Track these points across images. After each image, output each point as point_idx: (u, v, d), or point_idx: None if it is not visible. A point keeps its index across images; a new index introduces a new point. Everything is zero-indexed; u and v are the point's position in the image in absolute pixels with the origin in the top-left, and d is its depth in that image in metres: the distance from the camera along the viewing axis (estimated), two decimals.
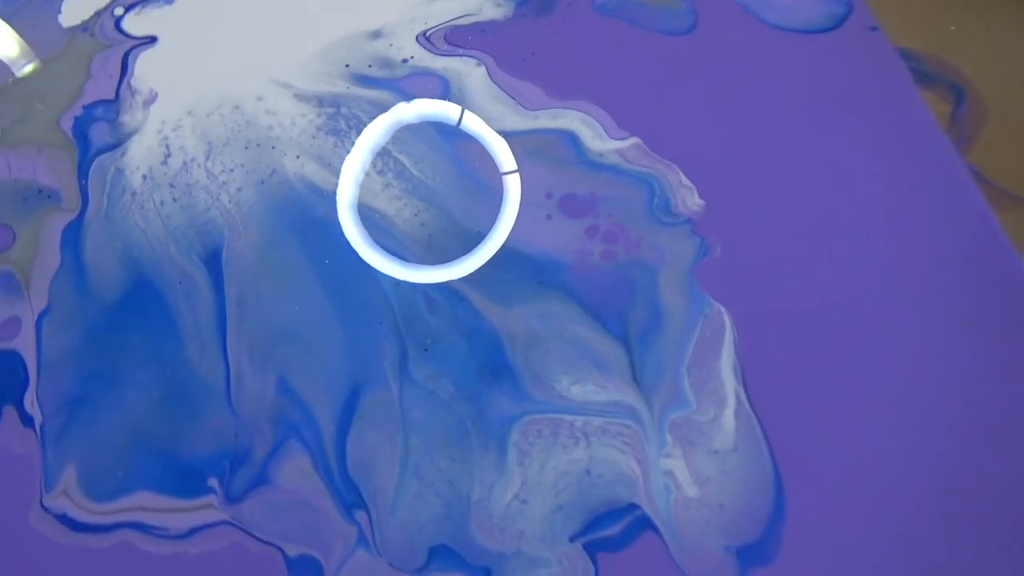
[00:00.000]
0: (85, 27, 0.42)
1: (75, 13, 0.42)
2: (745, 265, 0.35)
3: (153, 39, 0.41)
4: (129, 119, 0.39)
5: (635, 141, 0.37)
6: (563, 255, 0.35)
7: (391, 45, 0.40)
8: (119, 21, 0.41)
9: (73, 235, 0.37)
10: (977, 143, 0.41)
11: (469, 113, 0.37)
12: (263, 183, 0.37)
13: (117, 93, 0.40)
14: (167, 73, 0.40)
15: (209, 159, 0.38)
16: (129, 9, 0.42)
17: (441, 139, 0.38)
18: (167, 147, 0.39)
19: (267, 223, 0.37)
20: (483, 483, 0.32)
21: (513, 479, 0.32)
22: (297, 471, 0.33)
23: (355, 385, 0.34)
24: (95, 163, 0.38)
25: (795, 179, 0.36)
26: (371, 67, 0.39)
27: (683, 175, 0.36)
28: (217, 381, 0.34)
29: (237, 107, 0.39)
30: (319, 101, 0.39)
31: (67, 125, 0.39)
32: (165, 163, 0.38)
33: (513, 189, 0.36)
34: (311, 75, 0.39)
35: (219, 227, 0.37)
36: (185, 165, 0.38)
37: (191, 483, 0.33)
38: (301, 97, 0.39)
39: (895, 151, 0.37)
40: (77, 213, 0.37)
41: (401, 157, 0.38)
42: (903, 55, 0.39)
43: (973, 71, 0.42)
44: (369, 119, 0.38)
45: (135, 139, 0.39)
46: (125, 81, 0.40)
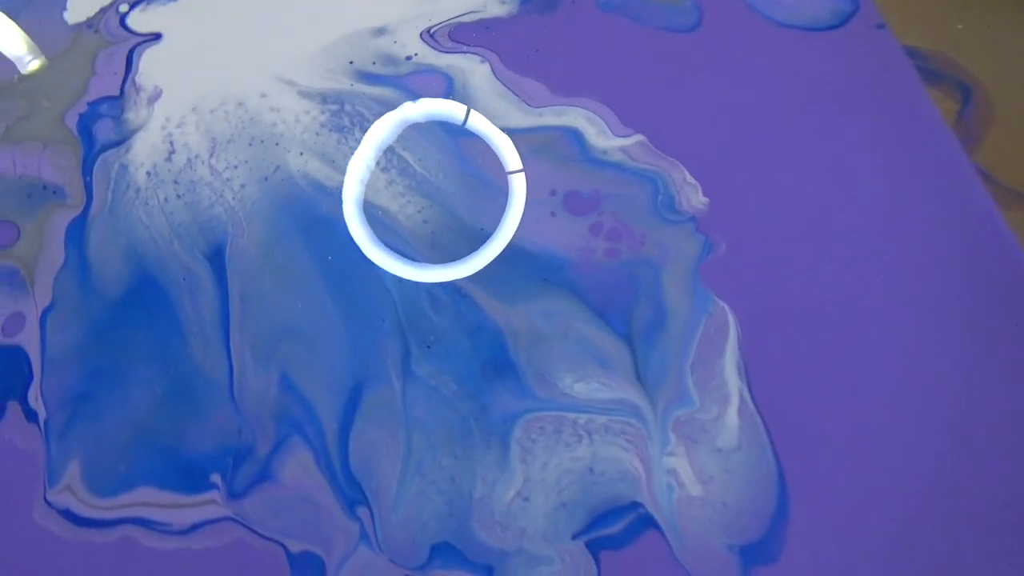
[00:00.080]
0: (90, 24, 0.42)
1: (80, 10, 0.42)
2: (749, 263, 0.35)
3: (158, 36, 0.41)
4: (133, 116, 0.39)
5: (639, 138, 0.37)
6: (567, 252, 0.35)
7: (395, 42, 0.40)
8: (124, 18, 0.41)
9: (77, 231, 0.37)
10: (984, 142, 0.41)
11: (475, 112, 0.37)
12: (267, 180, 0.37)
13: (122, 90, 0.40)
14: (171, 70, 0.40)
15: (213, 156, 0.38)
16: (134, 6, 0.42)
17: (445, 136, 0.38)
18: (171, 144, 0.39)
19: (271, 220, 0.37)
20: (485, 480, 0.32)
21: (516, 477, 0.32)
22: (299, 468, 0.33)
23: (358, 382, 0.34)
24: (99, 159, 0.38)
25: (800, 177, 0.36)
26: (375, 64, 0.39)
27: (687, 173, 0.36)
28: (220, 377, 0.34)
29: (241, 104, 0.39)
30: (323, 98, 0.39)
31: (72, 122, 0.39)
32: (169, 160, 0.38)
33: (519, 188, 0.36)
34: (315, 72, 0.39)
35: (223, 224, 0.37)
36: (189, 162, 0.38)
37: (194, 479, 0.33)
38: (305, 94, 0.39)
39: (901, 149, 0.36)
40: (81, 209, 0.37)
41: (405, 154, 0.38)
42: (910, 53, 0.39)
43: (980, 70, 0.42)
44: (373, 116, 0.38)
45: (139, 136, 0.39)
46: (130, 78, 0.40)
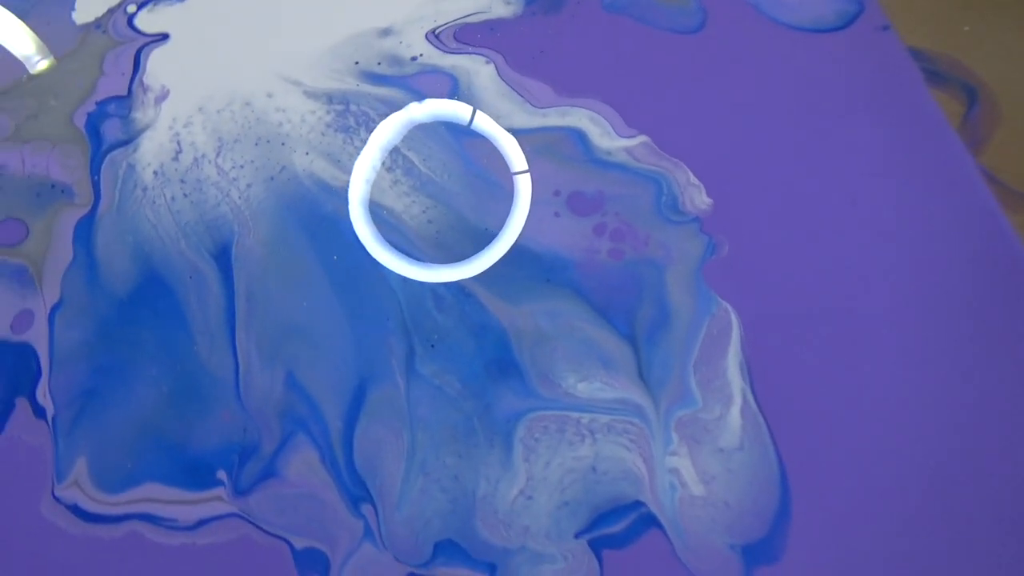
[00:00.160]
0: (98, 24, 0.42)
1: (89, 10, 0.42)
2: (752, 264, 0.35)
3: (165, 36, 0.41)
4: (141, 115, 0.39)
5: (643, 139, 0.37)
6: (571, 253, 0.35)
7: (400, 43, 0.40)
8: (132, 18, 0.42)
9: (85, 230, 0.37)
10: (990, 144, 0.40)
11: (481, 113, 0.37)
12: (273, 179, 0.38)
13: (129, 89, 0.40)
14: (179, 70, 0.40)
15: (220, 155, 0.38)
16: (142, 7, 0.42)
17: (450, 137, 0.38)
18: (178, 143, 0.39)
19: (276, 219, 0.37)
20: (489, 479, 0.32)
21: (519, 475, 0.32)
22: (304, 465, 0.33)
23: (362, 381, 0.34)
24: (107, 159, 0.39)
25: (803, 178, 0.36)
26: (380, 64, 0.40)
27: (691, 173, 0.36)
28: (226, 375, 0.34)
29: (247, 104, 0.39)
30: (329, 98, 0.39)
31: (80, 121, 0.39)
32: (176, 159, 0.38)
33: (524, 189, 0.36)
34: (321, 72, 0.40)
35: (229, 223, 0.37)
36: (196, 161, 0.38)
37: (200, 476, 0.33)
38: (311, 94, 0.39)
39: (905, 150, 0.36)
40: (89, 208, 0.38)
41: (410, 154, 0.38)
42: (915, 55, 0.39)
43: (986, 72, 0.42)
44: (378, 116, 0.38)
45: (147, 135, 0.39)
46: (137, 78, 0.40)
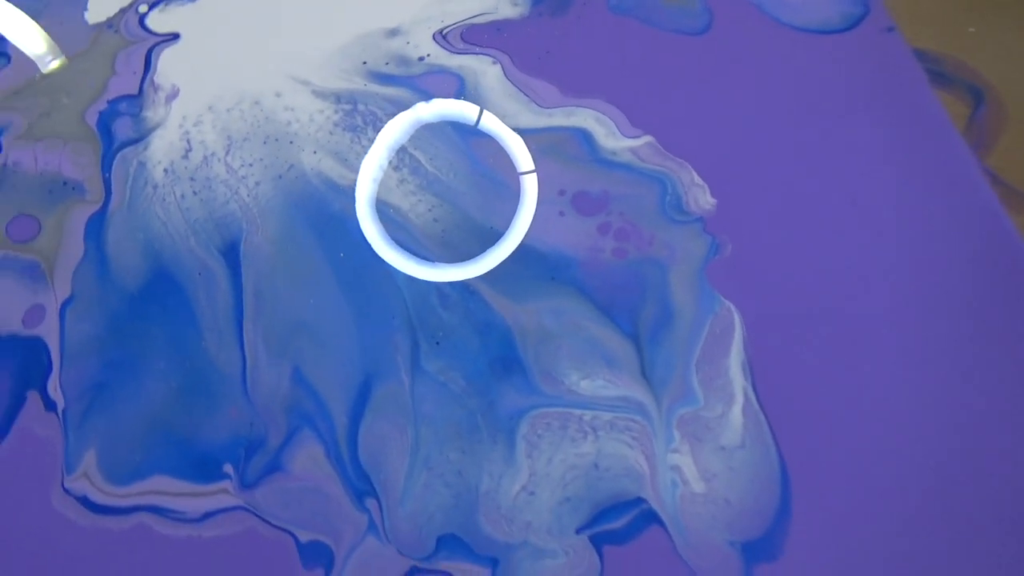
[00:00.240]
0: (110, 24, 0.42)
1: (100, 10, 0.43)
2: (755, 264, 0.35)
3: (176, 36, 0.42)
4: (152, 114, 0.40)
5: (648, 139, 0.37)
6: (575, 252, 0.36)
7: (408, 43, 0.40)
8: (143, 18, 0.42)
9: (96, 226, 0.38)
10: (996, 146, 0.40)
11: (488, 113, 0.38)
12: (281, 178, 0.38)
13: (140, 89, 0.40)
14: (189, 69, 0.41)
15: (229, 154, 0.39)
16: (153, 6, 0.42)
17: (456, 136, 0.38)
18: (188, 142, 0.39)
19: (284, 217, 0.37)
20: (492, 475, 0.33)
21: (521, 471, 0.33)
22: (310, 460, 0.33)
23: (368, 377, 0.34)
24: (118, 156, 0.39)
25: (807, 179, 0.36)
26: (388, 65, 0.40)
27: (695, 174, 0.37)
28: (234, 371, 0.35)
29: (257, 103, 0.40)
30: (337, 98, 0.39)
31: (92, 119, 0.40)
32: (186, 157, 0.39)
33: (530, 189, 0.37)
34: (329, 72, 0.40)
35: (238, 220, 0.37)
36: (205, 159, 0.39)
37: (207, 469, 0.33)
38: (319, 94, 0.40)
39: (909, 152, 0.36)
40: (100, 205, 0.38)
41: (416, 153, 0.38)
42: (921, 56, 0.39)
43: (992, 73, 0.42)
44: (386, 115, 0.39)
45: (157, 133, 0.39)
46: (148, 77, 0.41)
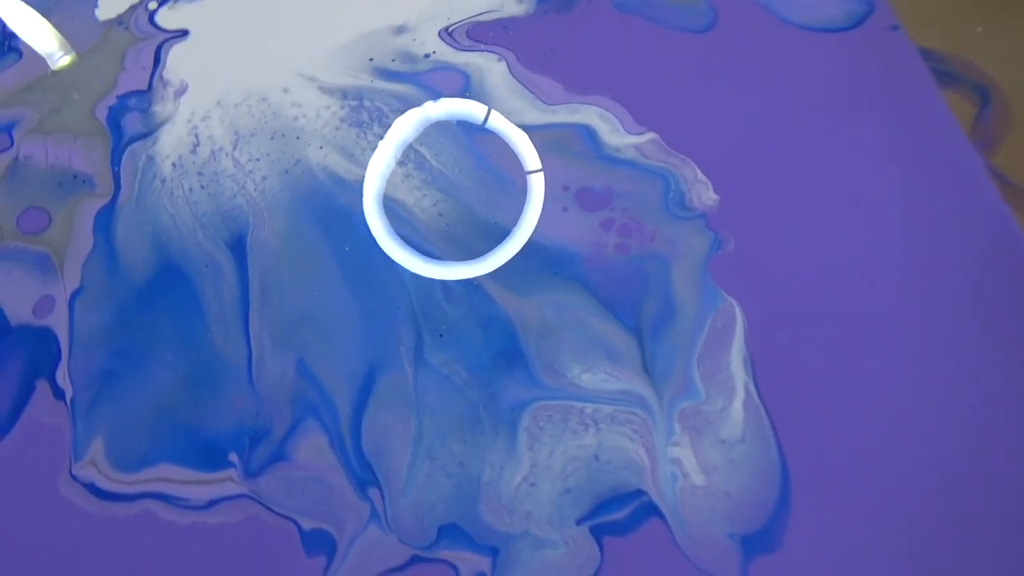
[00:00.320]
0: (120, 21, 0.43)
1: (111, 7, 0.43)
2: (758, 260, 0.35)
3: (185, 33, 0.42)
4: (161, 109, 0.40)
5: (652, 136, 0.37)
6: (578, 247, 0.36)
7: (414, 40, 0.41)
8: (153, 15, 0.43)
9: (105, 219, 0.38)
10: (1003, 145, 0.40)
11: (496, 113, 0.38)
12: (287, 172, 0.38)
13: (150, 84, 0.41)
14: (198, 65, 0.41)
15: (236, 148, 0.39)
16: (163, 3, 0.43)
17: (461, 132, 0.38)
18: (196, 136, 0.40)
19: (291, 211, 0.38)
20: (493, 466, 0.33)
21: (523, 463, 0.33)
22: (313, 449, 0.34)
23: (371, 368, 0.35)
24: (127, 151, 0.39)
25: (810, 176, 0.36)
26: (394, 61, 0.40)
27: (699, 170, 0.37)
28: (239, 362, 0.35)
29: (264, 99, 0.40)
30: (343, 94, 0.40)
31: (102, 114, 0.40)
32: (194, 152, 0.39)
33: (537, 188, 0.37)
34: (336, 68, 0.40)
35: (244, 214, 0.38)
36: (213, 154, 0.39)
37: (212, 457, 0.34)
38: (326, 90, 0.40)
39: (913, 150, 0.36)
40: (109, 198, 0.38)
41: (421, 149, 0.38)
42: (928, 56, 0.39)
43: (999, 73, 0.42)
44: (391, 111, 0.39)
45: (166, 128, 0.40)
46: (157, 73, 0.41)
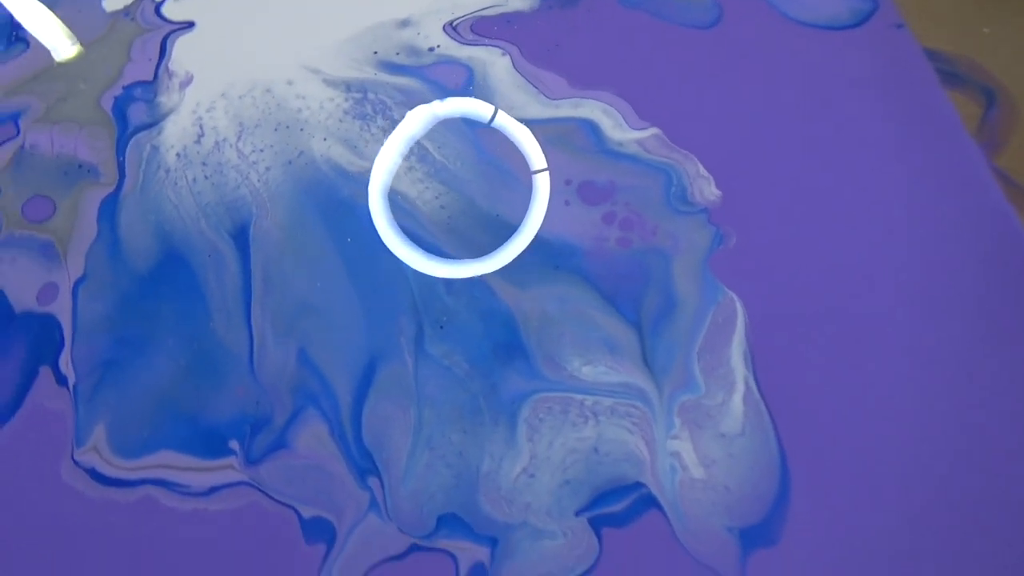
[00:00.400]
0: (127, 12, 0.43)
1: None
2: (759, 256, 0.35)
3: (191, 24, 0.42)
4: (166, 100, 0.40)
5: (655, 131, 0.37)
6: (580, 240, 0.36)
7: (419, 34, 0.41)
8: (159, 7, 0.43)
9: (109, 208, 0.38)
10: (1009, 146, 0.40)
11: (502, 112, 0.38)
12: (291, 163, 0.39)
13: (155, 75, 0.41)
14: (203, 57, 0.41)
15: (240, 139, 0.39)
16: None
17: (464, 126, 0.39)
18: (201, 127, 0.40)
19: (294, 202, 0.38)
20: (493, 456, 0.33)
21: (522, 454, 0.33)
22: (314, 438, 0.34)
23: (372, 358, 0.35)
24: (132, 141, 0.40)
25: (812, 173, 0.36)
26: (398, 55, 0.40)
27: (701, 166, 0.37)
28: (241, 351, 0.35)
29: (268, 90, 0.40)
30: (347, 86, 0.40)
31: (107, 104, 0.40)
32: (198, 142, 0.39)
33: (543, 187, 0.37)
34: (340, 61, 0.40)
35: (248, 204, 0.38)
36: (217, 145, 0.39)
37: (213, 445, 0.34)
38: (330, 82, 0.40)
39: (916, 147, 0.36)
40: (114, 187, 0.39)
41: (425, 142, 0.38)
42: (934, 56, 0.39)
43: (1005, 74, 0.42)
44: (395, 104, 0.39)
45: (171, 119, 0.40)
46: (163, 64, 0.41)
